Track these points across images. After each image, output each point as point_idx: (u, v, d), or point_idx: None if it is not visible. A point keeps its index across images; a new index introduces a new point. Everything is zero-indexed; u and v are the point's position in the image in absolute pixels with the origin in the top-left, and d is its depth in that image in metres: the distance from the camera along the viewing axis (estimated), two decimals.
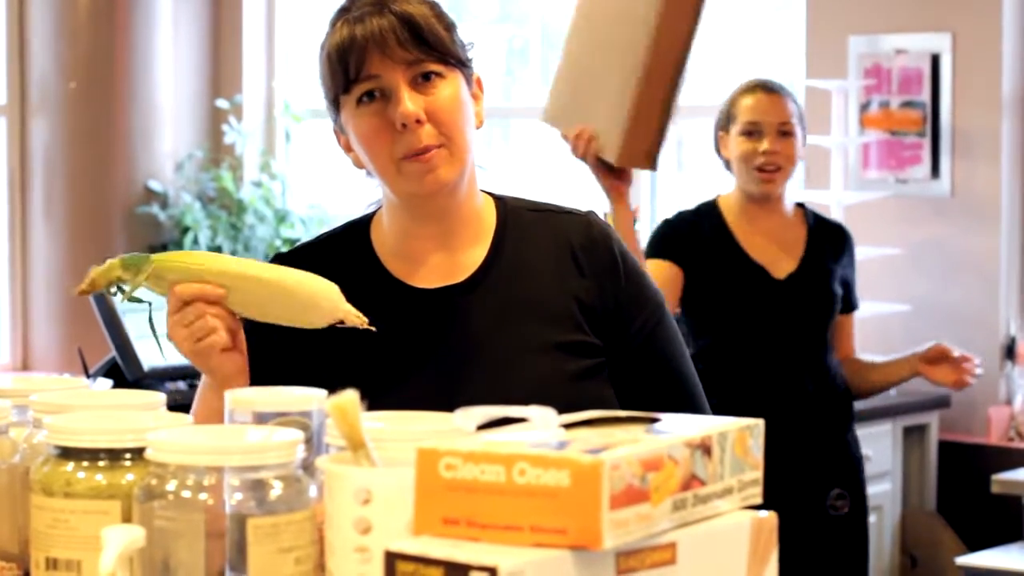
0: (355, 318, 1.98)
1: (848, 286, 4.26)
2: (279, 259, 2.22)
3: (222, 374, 2.05)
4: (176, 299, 1.99)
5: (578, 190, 7.01)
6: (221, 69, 7.35)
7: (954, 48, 5.64)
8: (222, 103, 7.23)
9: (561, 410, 1.99)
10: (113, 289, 2.03)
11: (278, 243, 6.96)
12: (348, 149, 2.20)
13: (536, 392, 1.96)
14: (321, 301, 1.99)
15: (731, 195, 4.33)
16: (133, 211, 6.91)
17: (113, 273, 2.00)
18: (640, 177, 6.61)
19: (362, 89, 2.10)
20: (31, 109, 7.03)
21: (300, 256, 2.21)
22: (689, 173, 6.91)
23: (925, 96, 5.69)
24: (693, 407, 2.21)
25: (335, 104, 2.15)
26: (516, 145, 7.45)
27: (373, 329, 2.00)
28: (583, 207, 2.29)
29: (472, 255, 2.18)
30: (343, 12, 2.13)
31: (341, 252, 2.22)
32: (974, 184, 5.63)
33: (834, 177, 5.71)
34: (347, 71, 2.10)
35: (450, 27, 2.14)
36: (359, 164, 2.19)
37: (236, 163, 7.23)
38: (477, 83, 2.19)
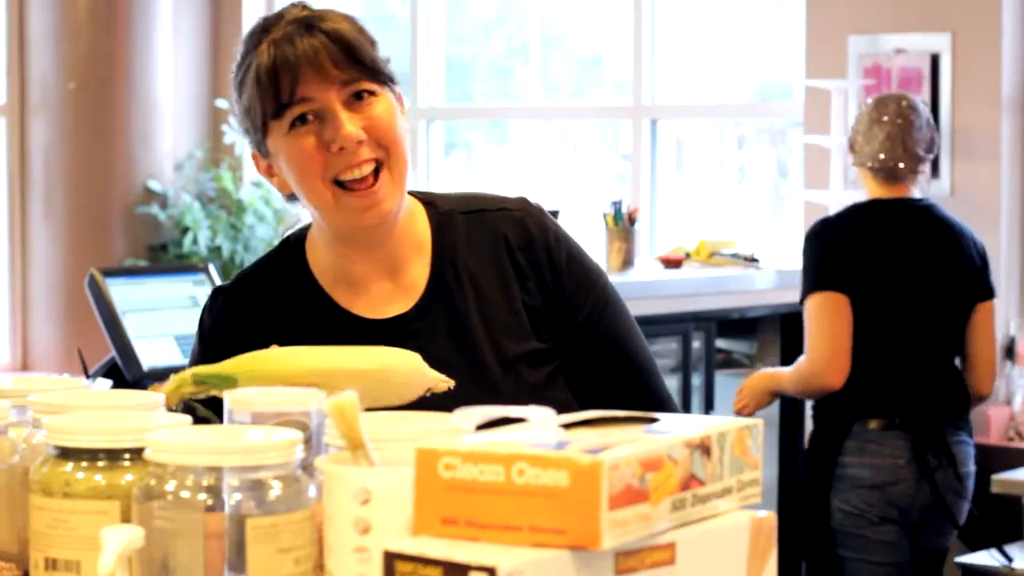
0: (442, 384, 1.90)
1: None
2: (220, 293, 2.15)
3: None
4: None
5: (576, 190, 7.02)
6: (221, 69, 7.36)
7: (954, 48, 5.64)
8: (222, 103, 7.23)
9: None
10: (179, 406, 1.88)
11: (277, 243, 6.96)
12: (270, 173, 2.11)
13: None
14: (411, 379, 1.88)
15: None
16: (133, 211, 6.91)
17: (184, 389, 1.86)
18: (640, 177, 6.61)
19: (295, 112, 2.03)
20: (31, 109, 7.03)
21: (241, 291, 2.15)
22: (689, 172, 6.91)
23: (925, 96, 5.69)
24: (647, 388, 2.17)
25: (262, 129, 2.06)
26: (515, 145, 7.45)
27: (452, 384, 1.90)
28: (515, 196, 2.21)
29: (415, 273, 2.13)
30: (264, 32, 2.05)
31: (282, 283, 2.14)
32: (974, 184, 5.63)
33: (833, 177, 5.71)
34: (279, 94, 2.02)
35: (374, 43, 2.08)
36: (284, 189, 2.10)
37: (236, 163, 7.23)
38: (399, 99, 2.11)
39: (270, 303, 2.12)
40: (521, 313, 2.11)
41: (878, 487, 4.37)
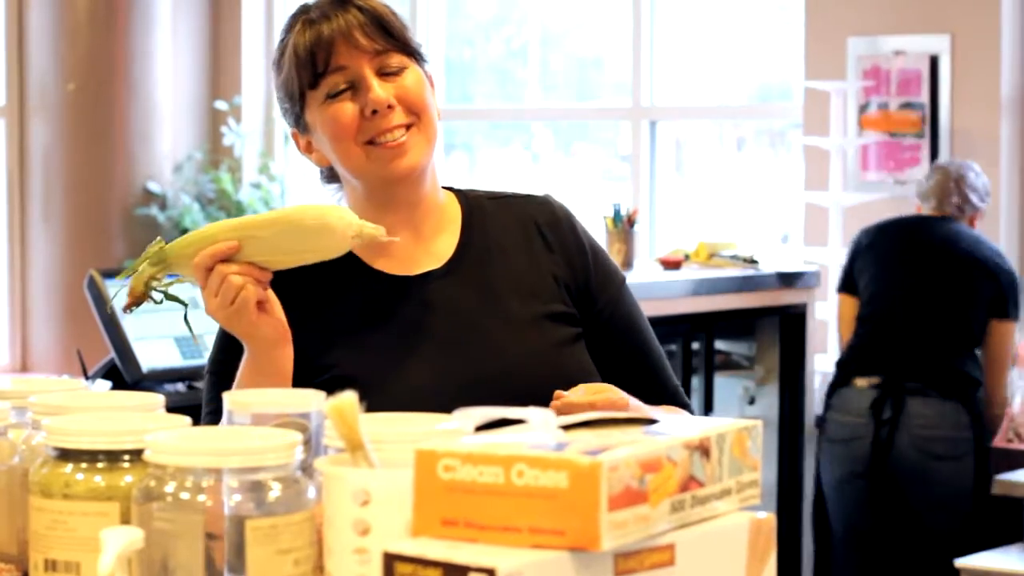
0: (372, 230, 1.98)
1: None
2: None
3: (264, 341, 2.05)
4: (198, 272, 2.02)
5: (575, 192, 7.02)
6: (220, 71, 7.36)
7: (953, 49, 5.64)
8: (221, 104, 7.23)
9: (552, 377, 2.09)
10: (159, 297, 2.04)
11: None
12: (308, 150, 2.22)
13: (527, 362, 2.13)
14: (333, 222, 1.98)
15: None
16: (132, 212, 6.91)
17: (145, 273, 2.01)
18: (639, 178, 6.61)
19: (330, 82, 2.14)
20: (30, 110, 7.03)
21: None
22: (688, 174, 6.91)
23: (924, 97, 5.69)
24: (660, 379, 2.27)
25: (300, 102, 2.17)
26: (515, 146, 7.45)
27: (397, 240, 2.02)
28: (540, 191, 2.33)
29: (443, 243, 2.22)
30: (302, 13, 2.19)
31: None
32: None
33: (833, 178, 5.71)
34: (315, 65, 2.14)
35: (406, 26, 2.20)
36: (322, 162, 2.22)
37: (235, 164, 7.23)
38: (430, 80, 2.22)
39: (304, 267, 2.20)
40: (548, 278, 2.21)
41: (844, 442, 4.99)
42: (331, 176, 2.26)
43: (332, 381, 1.96)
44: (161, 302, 2.06)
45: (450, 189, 2.28)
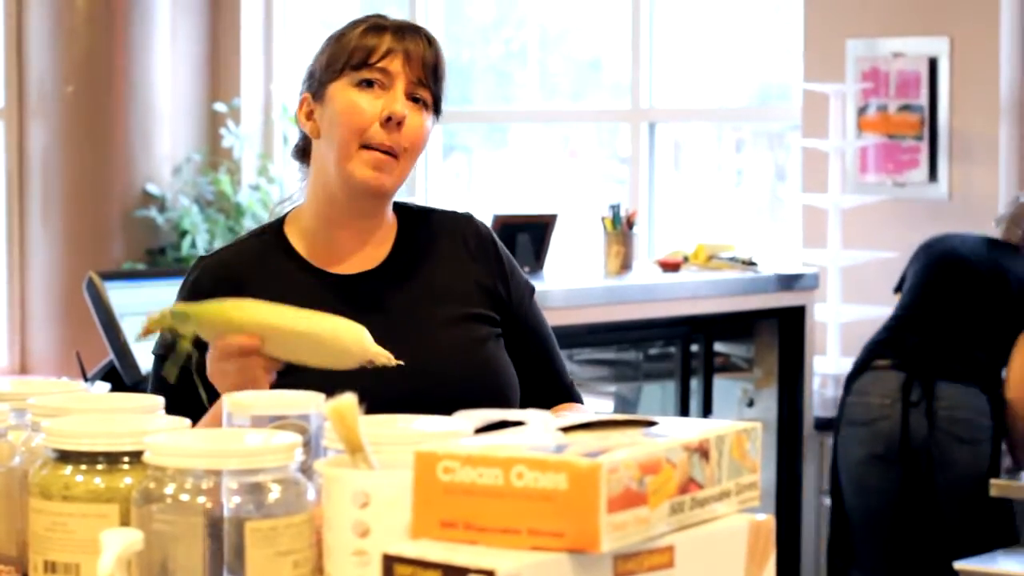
0: (384, 359, 2.08)
1: None
2: (203, 259, 2.41)
3: None
4: (219, 350, 2.10)
5: (574, 193, 7.02)
6: (219, 72, 7.36)
7: (952, 52, 5.64)
8: (220, 106, 7.23)
9: (472, 370, 2.34)
10: (170, 337, 2.13)
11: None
12: (308, 118, 2.40)
13: (453, 354, 2.35)
14: (351, 347, 2.07)
15: None
16: (131, 214, 6.91)
17: (164, 323, 2.10)
18: (638, 180, 6.62)
19: (370, 75, 2.33)
20: (29, 112, 7.03)
21: (224, 260, 2.40)
22: (687, 176, 6.92)
23: (923, 100, 5.69)
24: (559, 371, 2.51)
25: (335, 74, 2.35)
26: (514, 148, 7.46)
27: (401, 363, 2.10)
28: (463, 210, 2.55)
29: (381, 248, 2.42)
30: (375, 17, 2.39)
31: (262, 251, 2.41)
32: (972, 187, 5.63)
33: (832, 180, 5.72)
34: (371, 54, 2.33)
35: (446, 82, 2.41)
36: (314, 134, 2.39)
37: (234, 166, 7.23)
38: (429, 131, 2.42)
39: (249, 262, 2.40)
40: (471, 284, 2.44)
41: (867, 424, 4.92)
42: (303, 155, 2.45)
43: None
44: (172, 340, 2.13)
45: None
